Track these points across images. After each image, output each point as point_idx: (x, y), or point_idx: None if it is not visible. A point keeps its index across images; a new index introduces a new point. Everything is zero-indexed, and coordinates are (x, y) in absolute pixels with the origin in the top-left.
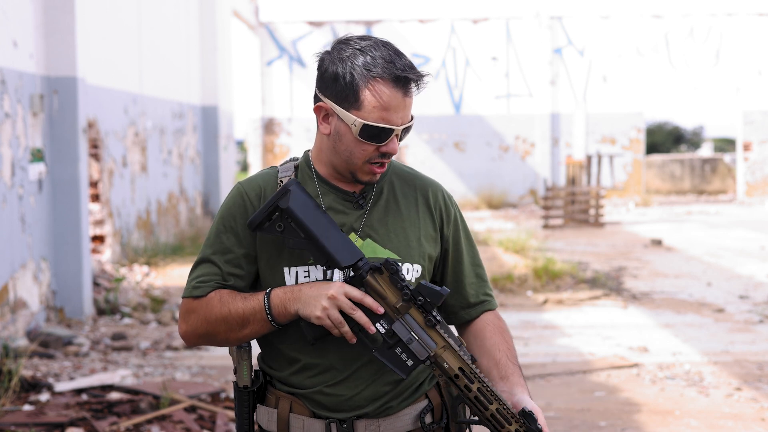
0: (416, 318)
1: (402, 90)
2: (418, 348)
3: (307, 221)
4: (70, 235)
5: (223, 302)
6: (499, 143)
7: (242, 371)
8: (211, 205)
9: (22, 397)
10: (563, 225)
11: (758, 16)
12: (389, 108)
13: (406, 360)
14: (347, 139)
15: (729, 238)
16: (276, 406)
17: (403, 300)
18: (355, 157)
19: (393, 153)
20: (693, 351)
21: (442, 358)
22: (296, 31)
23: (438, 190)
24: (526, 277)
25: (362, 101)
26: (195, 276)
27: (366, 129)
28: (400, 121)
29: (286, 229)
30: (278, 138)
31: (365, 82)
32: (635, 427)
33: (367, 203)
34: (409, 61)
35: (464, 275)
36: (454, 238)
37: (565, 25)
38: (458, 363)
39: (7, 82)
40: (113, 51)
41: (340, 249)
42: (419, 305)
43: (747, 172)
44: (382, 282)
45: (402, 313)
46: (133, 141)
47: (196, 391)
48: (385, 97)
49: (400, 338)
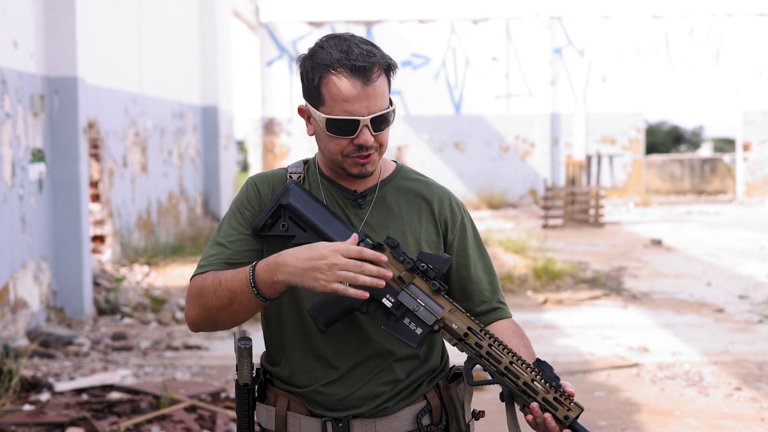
0: (421, 286)
1: (361, 79)
2: (426, 314)
3: (307, 213)
4: (71, 235)
5: (216, 274)
6: (499, 143)
7: (243, 369)
8: (211, 205)
9: (22, 397)
10: (563, 225)
11: (758, 16)
12: (349, 99)
13: (415, 329)
14: (323, 137)
15: (729, 238)
16: (274, 404)
17: (407, 269)
18: (333, 153)
19: (367, 144)
20: (693, 351)
21: (450, 320)
22: (296, 31)
23: (445, 197)
24: (526, 277)
25: (323, 96)
26: (203, 257)
27: (330, 123)
28: (366, 111)
29: (290, 227)
30: (278, 138)
31: (323, 76)
32: (635, 427)
33: (368, 204)
34: (367, 49)
35: (472, 282)
36: (460, 244)
37: (565, 25)
38: (467, 323)
39: (7, 82)
40: (113, 51)
41: (342, 234)
42: (422, 272)
43: (747, 172)
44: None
45: (407, 283)
46: (133, 141)
47: (197, 391)
48: (342, 88)
49: (407, 308)
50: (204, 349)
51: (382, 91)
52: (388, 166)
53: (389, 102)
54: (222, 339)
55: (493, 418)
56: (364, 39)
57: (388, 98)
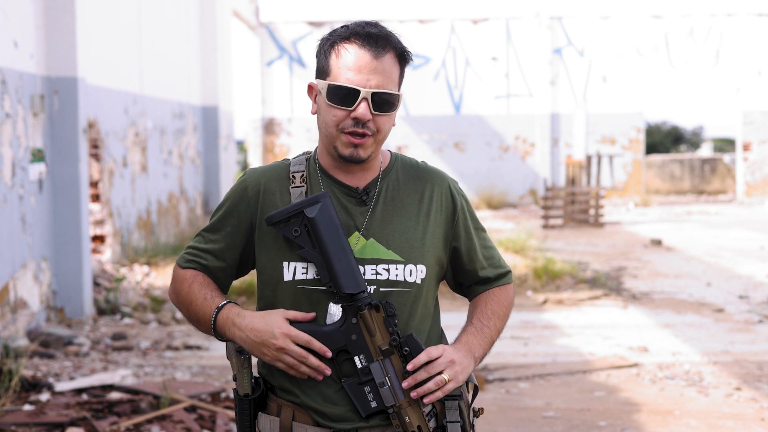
0: (395, 365)
1: (372, 51)
2: (387, 394)
3: (326, 237)
4: (71, 235)
5: (191, 292)
6: (499, 143)
7: (242, 379)
8: (211, 205)
9: (22, 397)
10: (563, 225)
11: (758, 16)
12: (354, 68)
13: (371, 401)
14: (323, 109)
15: (729, 238)
16: (278, 414)
17: (390, 344)
18: (329, 125)
19: (363, 119)
20: (693, 351)
21: (405, 411)
22: (296, 31)
23: (444, 182)
24: (526, 277)
25: (330, 65)
26: (190, 246)
27: (332, 90)
28: (368, 84)
29: (301, 235)
30: (278, 138)
31: (334, 45)
32: (635, 427)
33: (371, 200)
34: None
35: (478, 262)
36: (464, 228)
37: (565, 25)
38: (418, 421)
39: (7, 82)
40: (113, 51)
41: (348, 276)
42: (402, 355)
43: (746, 172)
44: (376, 320)
45: (384, 357)
46: (133, 141)
47: (197, 391)
48: (349, 57)
49: (373, 378)
50: (204, 349)
51: (391, 71)
52: (385, 157)
53: (397, 89)
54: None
55: (493, 418)
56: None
57: (396, 84)
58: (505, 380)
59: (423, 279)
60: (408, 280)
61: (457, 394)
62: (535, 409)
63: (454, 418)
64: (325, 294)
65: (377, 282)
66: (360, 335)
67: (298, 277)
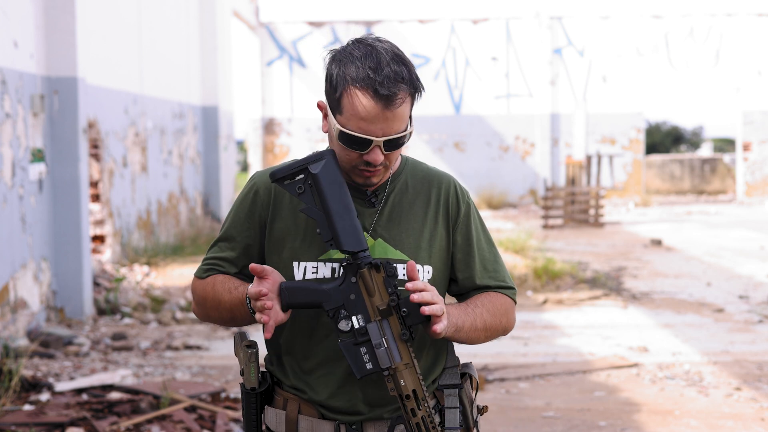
0: (393, 327)
1: (382, 103)
2: (383, 355)
3: (329, 194)
4: (71, 235)
5: (215, 291)
6: (499, 143)
7: (249, 373)
8: (211, 205)
9: (22, 397)
10: (563, 225)
11: (758, 16)
12: (367, 119)
13: (367, 362)
14: (334, 143)
15: (729, 238)
16: (284, 407)
17: (388, 305)
18: (343, 161)
19: (376, 163)
20: (693, 351)
21: (401, 374)
22: (296, 31)
23: (450, 185)
24: (526, 277)
25: (342, 107)
26: (207, 257)
27: (343, 136)
28: (381, 132)
29: (305, 192)
30: (278, 138)
31: (346, 89)
32: (635, 427)
33: (380, 202)
34: (397, 72)
35: (475, 270)
36: (466, 232)
37: (565, 25)
38: (414, 385)
39: (7, 82)
40: (113, 51)
41: (349, 234)
42: (400, 316)
43: (746, 172)
44: (376, 279)
45: (382, 317)
46: (133, 141)
47: (197, 391)
48: (361, 108)
49: (369, 339)
50: (204, 349)
51: (402, 115)
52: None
53: (408, 122)
54: (222, 339)
55: (493, 418)
56: (396, 53)
57: (407, 121)
58: (505, 380)
59: (429, 279)
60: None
61: (456, 383)
62: (535, 409)
63: (452, 404)
64: None
65: None
66: (359, 295)
67: (308, 277)
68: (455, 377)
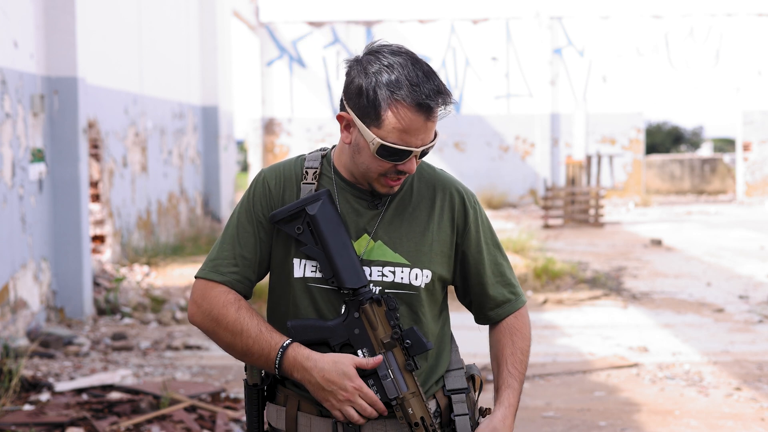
0: (397, 358)
1: (424, 114)
2: (390, 386)
3: (326, 233)
4: (71, 235)
5: (240, 321)
6: (499, 143)
7: (253, 369)
8: (211, 205)
9: (22, 397)
10: (563, 225)
11: (758, 16)
12: (409, 131)
13: (375, 393)
14: (365, 154)
15: (729, 238)
16: (285, 404)
17: (392, 337)
18: (371, 171)
19: (411, 172)
20: (693, 351)
21: (408, 403)
22: (296, 31)
23: (457, 191)
24: (526, 277)
25: (383, 121)
26: (214, 257)
27: (383, 148)
28: (420, 142)
29: (304, 232)
30: (278, 138)
31: (387, 102)
32: (635, 427)
33: (383, 205)
34: (437, 85)
35: (486, 276)
36: (475, 240)
37: (565, 25)
38: (422, 412)
39: (7, 82)
40: (113, 51)
41: (349, 270)
42: (404, 348)
43: (746, 172)
44: (378, 313)
45: (386, 350)
46: (133, 141)
47: (197, 391)
48: (406, 120)
49: (375, 371)
50: (204, 349)
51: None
52: None
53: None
54: None
55: None
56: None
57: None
58: None
59: (428, 284)
60: (413, 283)
61: (464, 387)
62: (535, 409)
63: (462, 411)
64: (334, 292)
65: (383, 284)
66: (362, 329)
67: (308, 275)
68: (462, 381)
